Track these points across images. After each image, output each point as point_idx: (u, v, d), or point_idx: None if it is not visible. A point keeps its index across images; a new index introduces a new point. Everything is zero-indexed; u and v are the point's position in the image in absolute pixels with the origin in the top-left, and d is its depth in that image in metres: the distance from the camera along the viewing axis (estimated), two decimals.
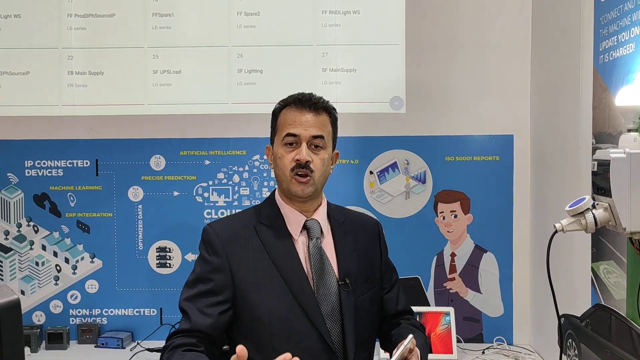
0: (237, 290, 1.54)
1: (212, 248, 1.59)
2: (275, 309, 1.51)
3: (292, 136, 1.56)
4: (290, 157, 1.56)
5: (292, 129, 1.56)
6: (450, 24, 2.90)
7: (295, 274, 1.55)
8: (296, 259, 1.57)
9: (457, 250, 2.91)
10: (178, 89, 2.94)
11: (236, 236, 1.59)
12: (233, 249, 1.56)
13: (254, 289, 1.53)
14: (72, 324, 2.96)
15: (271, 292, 1.53)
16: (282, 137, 1.57)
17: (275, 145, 1.61)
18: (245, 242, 1.58)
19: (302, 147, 1.56)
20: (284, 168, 1.57)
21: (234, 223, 1.64)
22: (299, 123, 1.56)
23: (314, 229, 1.61)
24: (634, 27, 1.78)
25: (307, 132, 1.56)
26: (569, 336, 2.20)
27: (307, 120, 1.57)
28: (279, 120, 1.61)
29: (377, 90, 2.91)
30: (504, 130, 2.89)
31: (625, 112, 1.76)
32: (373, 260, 1.69)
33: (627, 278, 1.82)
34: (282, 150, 1.57)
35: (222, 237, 1.58)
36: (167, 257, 2.97)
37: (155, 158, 2.97)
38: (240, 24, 2.92)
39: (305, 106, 1.58)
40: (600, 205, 1.63)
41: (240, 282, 1.53)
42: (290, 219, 1.60)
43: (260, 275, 1.52)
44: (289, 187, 1.57)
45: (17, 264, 2.99)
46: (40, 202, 2.98)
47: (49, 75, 2.94)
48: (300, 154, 1.55)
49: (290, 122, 1.57)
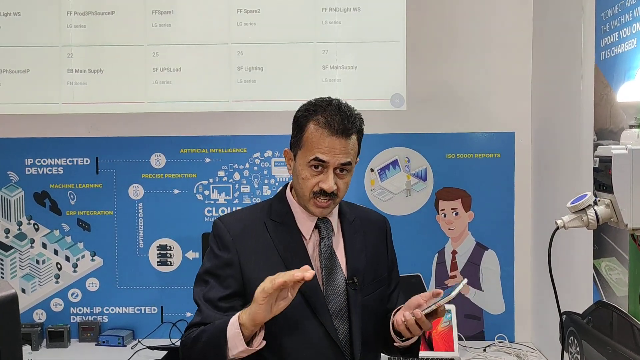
0: (247, 285, 1.52)
1: (222, 242, 1.57)
2: (289, 305, 1.49)
3: (320, 161, 1.50)
4: (314, 182, 1.51)
5: (321, 154, 1.48)
6: (451, 21, 2.89)
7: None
8: (306, 257, 1.55)
9: (458, 248, 2.90)
10: (178, 86, 2.93)
11: (246, 231, 1.57)
12: (243, 244, 1.55)
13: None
14: (73, 322, 2.96)
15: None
16: (309, 159, 1.50)
17: (299, 162, 1.53)
18: (256, 237, 1.57)
19: (329, 175, 1.50)
20: (305, 189, 1.53)
21: (244, 217, 1.62)
22: (329, 149, 1.48)
23: (326, 228, 1.60)
24: (635, 23, 1.77)
25: (336, 159, 1.49)
26: (571, 333, 2.20)
27: (336, 146, 1.49)
28: (306, 135, 1.51)
29: (378, 87, 2.90)
30: (505, 127, 2.89)
31: (627, 109, 1.75)
32: (380, 258, 1.68)
33: (629, 275, 1.82)
34: (307, 172, 1.51)
35: (233, 231, 1.56)
36: (168, 255, 2.97)
37: (156, 156, 2.97)
38: (240, 22, 2.91)
39: (338, 132, 1.49)
40: (602, 201, 1.62)
41: (250, 277, 1.52)
42: (302, 219, 1.59)
43: (269, 271, 1.50)
44: (307, 206, 1.55)
45: (17, 262, 2.99)
46: (41, 200, 2.98)
47: (49, 73, 2.94)
48: (326, 184, 1.50)
49: (318, 147, 1.49)
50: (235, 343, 1.40)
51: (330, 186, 1.50)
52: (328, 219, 1.61)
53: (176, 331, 2.93)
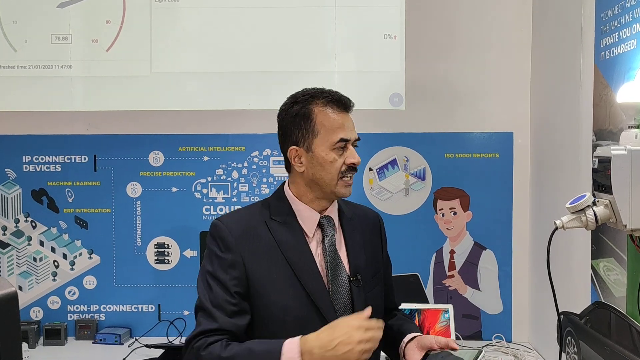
0: (251, 286, 1.51)
1: (224, 244, 1.52)
2: (290, 307, 1.49)
3: (345, 141, 1.54)
4: (341, 161, 1.54)
5: (343, 133, 1.54)
6: (450, 20, 2.89)
7: (309, 272, 1.53)
8: (310, 256, 1.55)
9: (456, 248, 2.91)
10: (177, 84, 2.93)
11: (248, 231, 1.54)
12: (246, 245, 1.52)
13: (268, 286, 1.50)
14: (70, 319, 2.96)
15: (285, 290, 1.50)
16: (335, 141, 1.53)
17: (321, 149, 1.54)
18: (258, 237, 1.54)
19: (352, 150, 1.56)
20: (334, 172, 1.54)
21: (244, 218, 1.59)
22: (347, 126, 1.55)
23: (329, 225, 1.60)
24: (635, 24, 1.77)
25: (353, 135, 1.57)
26: (568, 334, 2.20)
27: (349, 122, 1.57)
28: (317, 120, 1.54)
29: (376, 86, 2.90)
30: (504, 127, 2.89)
31: (626, 109, 1.75)
32: (377, 255, 1.70)
33: (627, 275, 1.82)
34: (334, 155, 1.54)
35: (234, 232, 1.53)
36: (166, 253, 2.96)
37: (154, 154, 2.96)
38: (239, 21, 2.91)
39: (344, 107, 1.57)
40: (601, 202, 1.62)
41: (254, 278, 1.50)
42: (304, 216, 1.58)
43: (273, 272, 1.49)
44: (335, 190, 1.56)
45: (14, 260, 2.98)
46: (38, 197, 2.97)
47: (47, 70, 2.93)
48: (355, 157, 1.55)
49: (339, 126, 1.54)
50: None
51: (359, 159, 1.56)
52: (330, 216, 1.61)
53: (173, 329, 2.93)
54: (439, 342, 1.53)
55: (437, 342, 1.53)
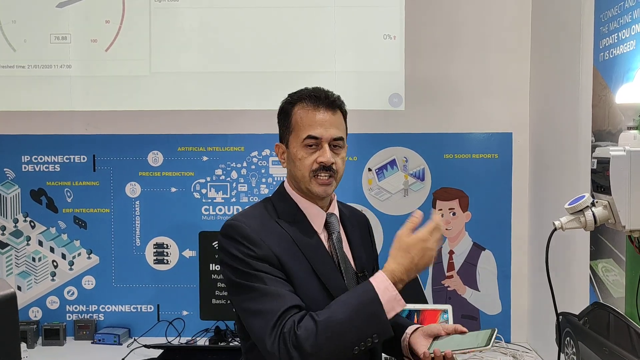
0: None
1: (250, 241, 1.47)
2: (314, 304, 1.47)
3: (314, 138, 1.52)
4: (311, 159, 1.52)
5: (313, 130, 1.51)
6: (450, 20, 2.89)
7: (328, 269, 1.53)
8: (326, 253, 1.56)
9: (455, 248, 2.91)
10: (176, 84, 2.93)
11: (265, 228, 1.52)
12: (269, 240, 1.49)
13: (295, 282, 1.49)
14: (69, 320, 2.95)
15: (308, 287, 1.50)
16: (303, 138, 1.52)
17: (293, 146, 1.55)
18: (276, 234, 1.52)
19: (325, 149, 1.52)
20: (304, 169, 1.53)
21: (257, 216, 1.56)
22: (319, 123, 1.52)
23: (334, 223, 1.60)
24: (634, 25, 1.77)
25: (328, 133, 1.52)
26: (567, 334, 2.20)
27: (325, 120, 1.53)
28: (293, 118, 1.55)
29: (376, 87, 2.90)
30: (503, 127, 2.89)
31: (625, 110, 1.75)
32: (371, 251, 1.74)
33: (625, 276, 1.82)
34: (303, 152, 1.53)
35: (254, 228, 1.50)
36: (165, 253, 2.96)
37: (153, 154, 2.96)
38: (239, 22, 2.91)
39: (322, 104, 1.54)
40: (600, 203, 1.62)
41: (285, 271, 1.48)
42: (313, 215, 1.58)
43: (296, 268, 1.49)
44: (310, 188, 1.54)
45: (13, 260, 2.98)
46: (37, 197, 2.97)
47: (46, 70, 2.93)
48: (324, 157, 1.51)
49: (310, 123, 1.52)
50: (392, 306, 1.43)
51: (328, 158, 1.52)
52: (334, 213, 1.62)
53: (172, 330, 2.93)
54: (446, 328, 1.54)
55: (445, 329, 1.54)
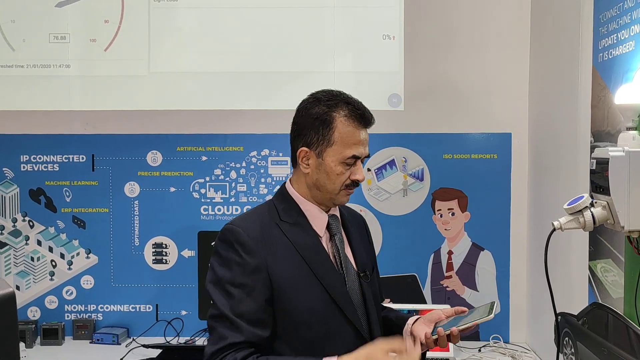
0: (275, 289, 1.47)
1: (245, 248, 1.47)
2: (314, 308, 1.49)
3: (356, 158, 1.54)
4: (347, 175, 1.54)
5: (357, 150, 1.53)
6: (449, 21, 2.89)
7: (329, 272, 1.53)
8: (326, 256, 1.56)
9: (454, 248, 2.91)
10: (175, 84, 2.92)
11: (264, 234, 1.51)
12: (266, 248, 1.49)
13: (292, 288, 1.49)
14: (68, 319, 2.95)
15: (308, 291, 1.50)
16: (347, 157, 1.52)
17: (331, 159, 1.53)
18: (274, 240, 1.51)
19: (359, 166, 1.56)
20: (338, 184, 1.54)
21: (256, 220, 1.54)
22: (362, 143, 1.55)
23: (336, 225, 1.61)
24: (633, 25, 1.77)
25: (366, 152, 1.57)
26: (566, 334, 2.20)
27: (366, 139, 1.56)
28: (336, 132, 1.52)
29: (375, 87, 2.90)
30: (502, 128, 2.89)
31: (624, 111, 1.75)
32: (370, 250, 1.75)
33: (624, 277, 1.82)
34: (342, 168, 1.53)
35: (252, 234, 1.48)
36: (164, 253, 2.96)
37: (152, 153, 2.96)
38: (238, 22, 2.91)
39: (365, 124, 1.56)
40: (599, 203, 1.62)
41: (278, 281, 1.47)
42: (315, 217, 1.58)
43: (294, 274, 1.48)
44: (337, 199, 1.57)
45: (12, 259, 2.97)
46: (36, 197, 2.97)
47: (45, 70, 2.92)
48: (360, 175, 1.55)
49: (355, 142, 1.53)
50: None
51: (364, 177, 1.58)
52: (336, 215, 1.63)
53: (171, 329, 2.93)
54: (447, 312, 1.58)
55: (445, 312, 1.58)
